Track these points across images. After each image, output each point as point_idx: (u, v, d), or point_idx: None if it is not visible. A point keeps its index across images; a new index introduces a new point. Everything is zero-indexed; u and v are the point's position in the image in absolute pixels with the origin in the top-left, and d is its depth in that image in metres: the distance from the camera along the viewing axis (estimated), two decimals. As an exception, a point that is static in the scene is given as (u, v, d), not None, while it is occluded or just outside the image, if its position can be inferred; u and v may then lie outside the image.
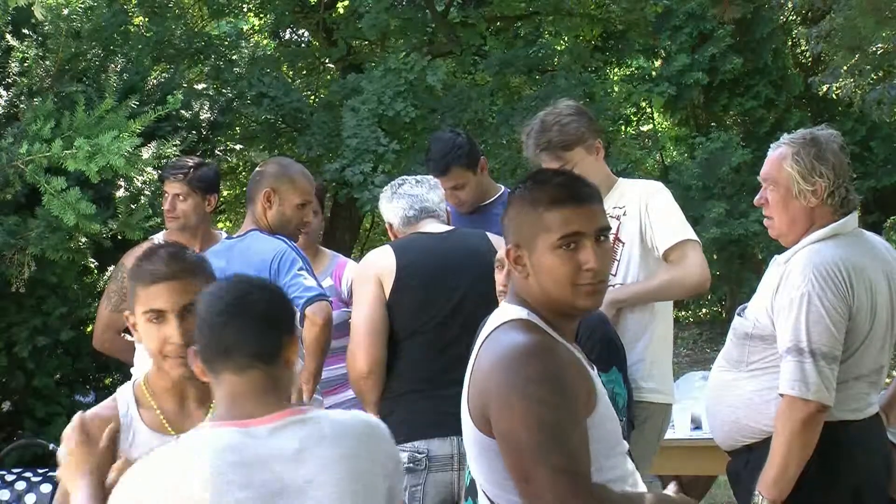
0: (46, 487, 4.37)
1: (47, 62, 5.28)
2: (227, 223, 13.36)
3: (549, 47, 14.12)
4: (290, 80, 13.46)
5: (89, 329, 5.45)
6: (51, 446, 4.74)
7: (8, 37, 5.31)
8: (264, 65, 12.54)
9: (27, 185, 4.80)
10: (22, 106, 5.13)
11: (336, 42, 13.30)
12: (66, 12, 5.16)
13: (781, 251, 3.12)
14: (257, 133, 12.67)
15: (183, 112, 6.60)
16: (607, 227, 2.20)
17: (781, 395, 2.91)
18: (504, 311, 2.23)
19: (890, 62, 9.28)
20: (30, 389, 5.54)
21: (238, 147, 11.41)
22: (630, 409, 3.21)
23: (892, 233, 13.71)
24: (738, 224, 12.23)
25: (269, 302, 2.07)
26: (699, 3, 12.97)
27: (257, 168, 4.04)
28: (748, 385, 3.05)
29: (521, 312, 2.18)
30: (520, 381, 2.04)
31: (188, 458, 1.94)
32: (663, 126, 17.09)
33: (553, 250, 2.13)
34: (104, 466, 2.28)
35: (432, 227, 3.65)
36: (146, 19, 11.55)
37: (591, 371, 2.21)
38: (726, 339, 3.19)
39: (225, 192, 12.72)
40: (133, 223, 5.00)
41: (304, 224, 3.93)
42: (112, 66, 5.77)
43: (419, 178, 3.76)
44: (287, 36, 15.32)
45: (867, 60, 9.06)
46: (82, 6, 5.34)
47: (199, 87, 10.41)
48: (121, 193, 5.53)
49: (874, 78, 9.53)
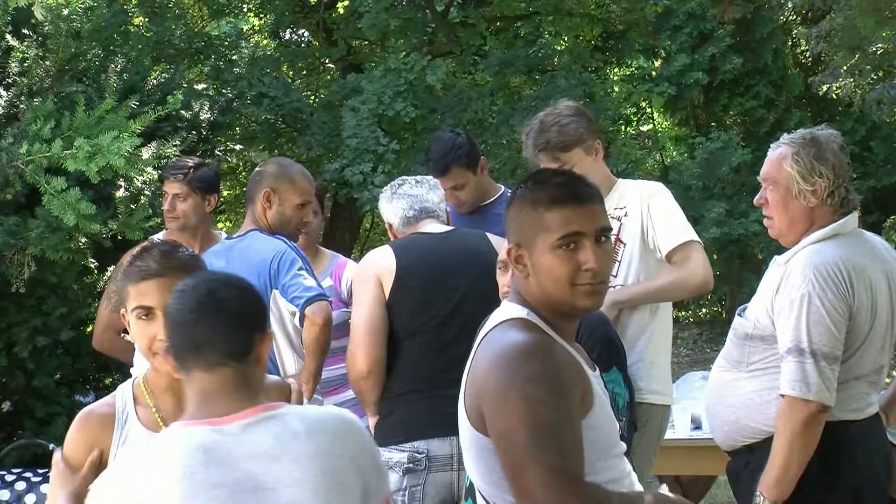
0: (46, 487, 4.37)
1: (47, 62, 5.27)
2: (227, 223, 13.36)
3: (549, 47, 14.12)
4: (290, 80, 13.46)
5: (89, 329, 5.44)
6: (51, 446, 4.74)
7: (8, 37, 5.31)
8: (264, 65, 12.54)
9: (27, 185, 4.79)
10: (22, 106, 5.13)
11: (336, 42, 13.30)
12: (66, 12, 5.15)
13: (781, 251, 3.12)
14: (257, 133, 12.67)
15: (183, 112, 6.59)
16: (608, 228, 2.19)
17: (782, 396, 2.90)
18: (504, 310, 2.23)
19: (890, 62, 9.28)
20: (30, 389, 5.53)
21: (238, 147, 11.41)
22: (632, 411, 3.21)
23: (891, 232, 13.71)
24: (738, 224, 12.23)
25: (241, 299, 2.06)
26: (699, 3, 12.97)
27: (257, 168, 4.04)
28: (748, 385, 3.04)
29: (520, 311, 2.18)
30: (516, 379, 2.04)
31: (161, 458, 1.95)
32: (663, 126, 17.09)
33: (553, 250, 2.13)
34: (83, 489, 2.28)
35: (432, 227, 3.65)
36: (146, 19, 11.55)
37: (590, 372, 2.20)
38: (726, 339, 3.19)
39: (225, 192, 12.71)
40: (133, 223, 5.00)
41: (304, 224, 3.93)
42: (112, 66, 5.76)
43: (419, 178, 3.76)
44: (287, 36, 15.32)
45: (867, 60, 9.06)
46: (82, 6, 5.34)
47: (199, 87, 10.40)
48: (121, 193, 5.52)
49: (874, 78, 9.53)
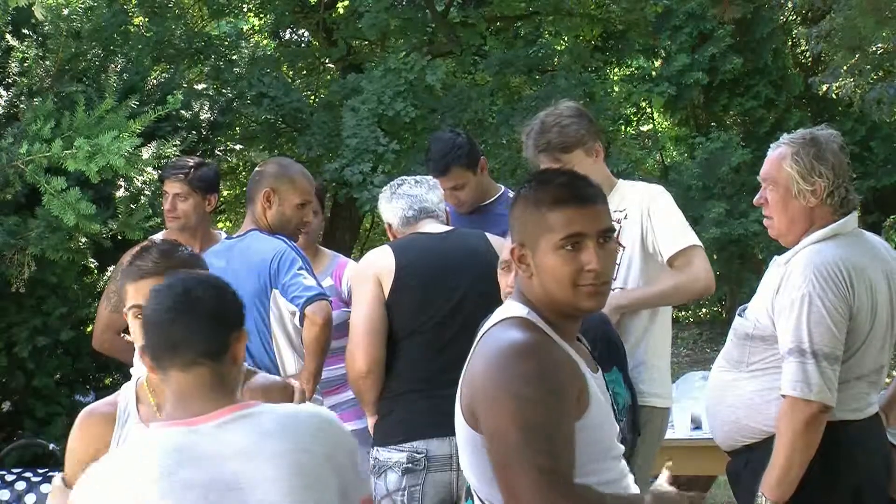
0: (46, 487, 4.37)
1: (47, 62, 5.27)
2: (227, 223, 13.36)
3: (549, 47, 14.11)
4: (290, 80, 13.44)
5: (89, 329, 5.44)
6: (51, 446, 4.74)
7: (8, 37, 5.31)
8: (264, 65, 12.53)
9: (27, 185, 4.79)
10: (22, 106, 5.13)
11: (336, 42, 13.29)
12: (66, 12, 5.14)
13: (781, 251, 3.12)
14: (257, 133, 12.66)
15: (183, 112, 6.59)
16: (611, 229, 2.19)
17: (783, 396, 2.90)
18: (505, 309, 2.24)
19: (890, 62, 9.28)
20: (30, 389, 5.53)
21: (238, 147, 11.39)
22: (635, 414, 3.21)
23: (891, 232, 13.72)
24: (738, 224, 12.22)
25: (217, 298, 2.07)
26: (699, 3, 12.95)
27: (257, 168, 4.04)
28: (749, 385, 3.04)
29: (521, 310, 2.18)
30: (509, 378, 2.04)
31: (136, 459, 1.96)
32: (663, 126, 17.08)
33: (555, 251, 2.13)
34: None
35: (431, 227, 3.65)
36: (146, 19, 11.54)
37: (589, 373, 2.19)
38: (726, 339, 3.19)
39: (225, 192, 12.71)
40: (133, 223, 5.00)
41: (304, 224, 3.94)
42: (112, 66, 5.76)
43: (418, 178, 3.76)
44: (287, 36, 15.31)
45: (867, 60, 9.06)
46: (82, 6, 5.33)
47: (199, 87, 10.38)
48: (121, 193, 5.52)
49: (874, 78, 9.53)
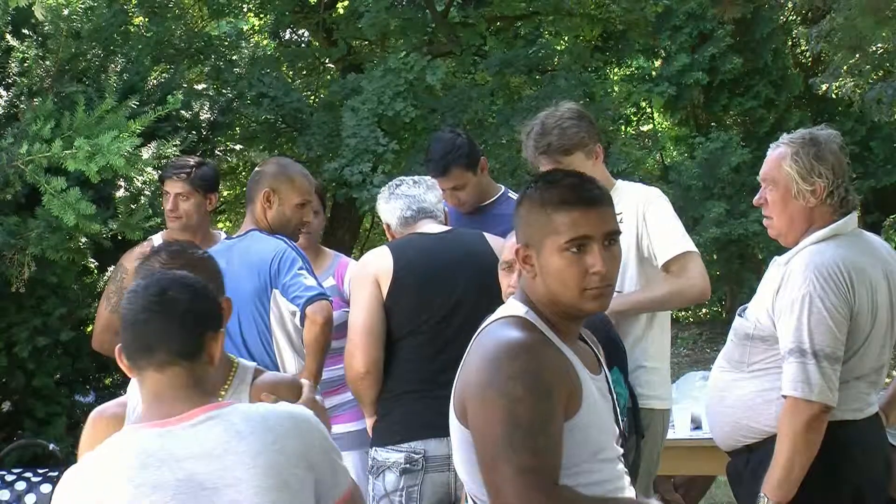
0: (46, 487, 4.37)
1: (47, 62, 5.26)
2: (227, 223, 13.36)
3: (549, 47, 14.10)
4: (290, 80, 13.44)
5: (89, 329, 5.44)
6: (51, 446, 4.74)
7: (8, 37, 5.30)
8: (264, 65, 12.51)
9: (27, 185, 4.79)
10: (22, 106, 5.12)
11: (336, 42, 13.29)
12: (66, 12, 5.14)
13: (781, 251, 3.12)
14: (257, 133, 12.65)
15: (183, 112, 6.58)
16: (617, 231, 2.19)
17: (784, 397, 2.91)
18: (505, 307, 2.24)
19: (890, 62, 9.28)
20: (30, 389, 5.53)
21: (238, 147, 11.37)
22: (637, 418, 3.21)
23: (891, 232, 13.72)
24: (738, 224, 12.22)
25: (192, 298, 2.07)
26: (699, 3, 12.96)
27: (256, 168, 4.05)
28: (749, 386, 3.05)
29: (519, 310, 2.19)
30: (499, 376, 2.05)
31: (108, 461, 1.98)
32: (663, 126, 17.08)
33: (560, 253, 2.13)
34: None
35: (430, 227, 3.65)
36: (146, 19, 11.52)
37: (587, 374, 2.18)
38: (726, 339, 3.19)
39: (225, 192, 12.70)
40: (133, 223, 5.00)
41: (304, 224, 3.94)
42: (112, 66, 5.76)
43: (416, 178, 3.76)
44: (287, 36, 15.30)
45: (867, 60, 9.06)
46: (82, 6, 5.33)
47: (199, 87, 10.37)
48: (121, 193, 5.52)
49: (874, 77, 9.53)
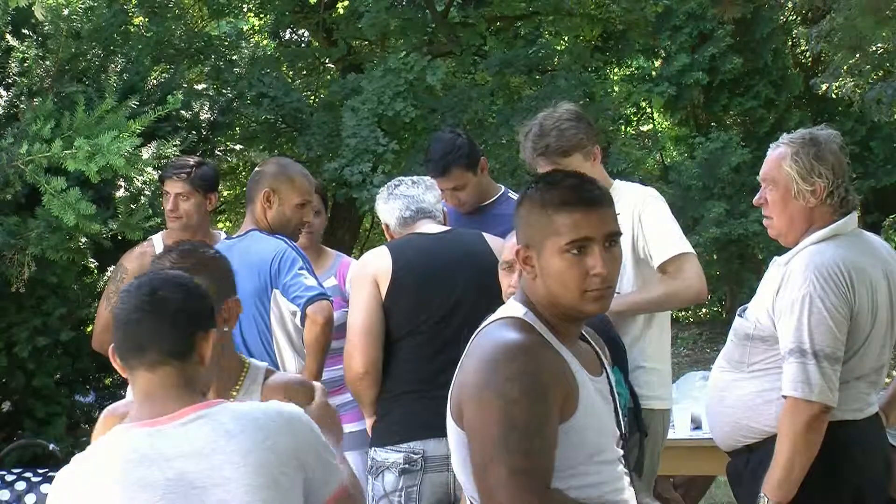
0: (46, 487, 4.37)
1: (47, 62, 5.26)
2: (227, 223, 13.36)
3: (549, 47, 14.10)
4: (290, 80, 13.43)
5: (89, 329, 5.44)
6: (51, 446, 4.74)
7: (8, 37, 5.30)
8: (264, 65, 12.51)
9: (27, 185, 4.79)
10: (22, 106, 5.12)
11: (336, 42, 13.28)
12: (66, 12, 5.14)
13: (781, 251, 3.12)
14: (257, 133, 12.64)
15: (183, 112, 6.58)
16: (617, 232, 2.18)
17: (785, 397, 2.91)
18: (504, 309, 2.24)
19: (890, 62, 9.28)
20: (30, 389, 5.53)
21: (238, 147, 11.37)
22: (639, 418, 3.21)
23: (891, 232, 13.73)
24: (738, 224, 12.22)
25: (184, 298, 2.08)
26: (699, 3, 12.96)
27: (257, 168, 4.05)
28: (749, 386, 3.05)
29: (518, 311, 2.18)
30: (494, 378, 2.05)
31: (99, 461, 1.99)
32: (663, 126, 17.08)
33: (561, 254, 2.13)
34: None
35: (428, 227, 3.65)
36: (146, 19, 11.52)
37: (586, 375, 2.17)
38: (726, 339, 3.19)
39: (225, 192, 12.70)
40: (133, 223, 5.00)
41: (304, 224, 3.94)
42: (112, 66, 5.76)
43: (415, 178, 3.76)
44: (287, 36, 15.30)
45: (867, 60, 9.06)
46: (82, 6, 5.32)
47: (199, 87, 10.37)
48: (121, 193, 5.52)
49: (874, 77, 9.53)
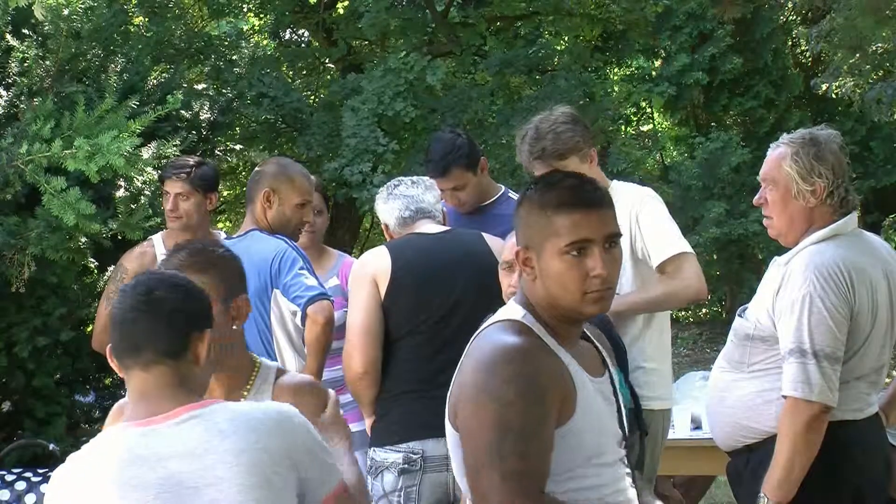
0: (46, 487, 4.35)
1: (47, 62, 5.26)
2: (227, 223, 13.36)
3: (549, 47, 14.11)
4: (290, 80, 13.44)
5: (89, 329, 5.44)
6: (51, 446, 4.73)
7: (8, 37, 5.30)
8: (264, 65, 12.51)
9: (27, 185, 4.79)
10: (22, 106, 5.12)
11: (336, 42, 13.29)
12: (66, 12, 5.14)
13: (781, 251, 3.12)
14: (257, 133, 12.65)
15: (183, 112, 6.58)
16: (617, 233, 2.17)
17: (785, 397, 2.91)
18: (503, 311, 2.23)
19: (890, 62, 9.28)
20: (30, 389, 5.52)
21: (238, 147, 11.37)
22: (640, 418, 3.21)
23: (891, 232, 13.73)
24: (738, 224, 12.22)
25: (179, 298, 2.08)
26: (699, 3, 12.97)
27: (257, 168, 4.05)
28: (749, 386, 3.05)
29: (517, 313, 2.17)
30: (490, 381, 2.04)
31: (94, 460, 2.00)
32: (663, 126, 17.08)
33: (561, 256, 2.12)
34: None
35: (428, 227, 3.65)
36: (146, 19, 11.52)
37: (586, 377, 2.16)
38: (726, 339, 3.19)
39: (225, 192, 12.71)
40: (133, 223, 5.00)
41: (304, 224, 3.94)
42: (112, 66, 5.75)
43: (415, 178, 3.76)
44: (287, 36, 15.30)
45: (867, 60, 9.06)
46: (82, 6, 5.32)
47: (199, 87, 10.38)
48: (121, 193, 5.52)
49: (874, 77, 9.53)
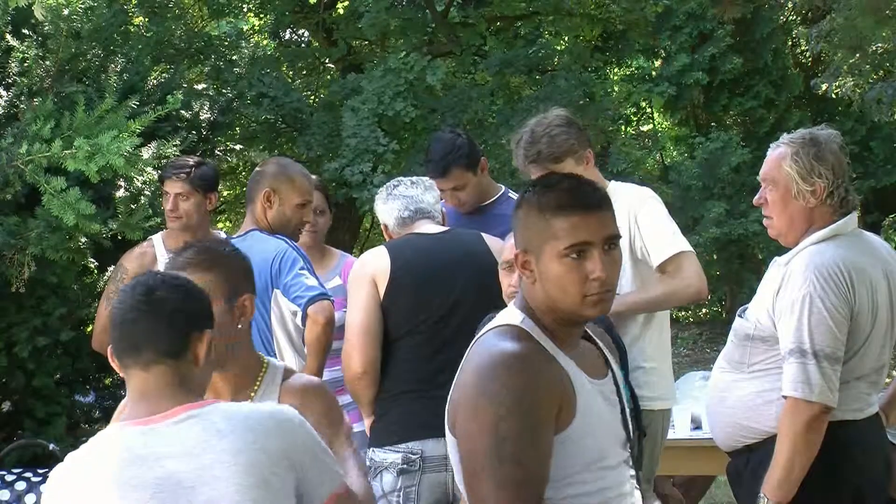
0: (45, 487, 4.36)
1: (47, 62, 5.26)
2: (227, 223, 13.36)
3: (549, 47, 14.11)
4: (290, 81, 13.44)
5: (89, 329, 5.44)
6: (51, 446, 4.73)
7: (8, 37, 5.30)
8: (264, 65, 12.52)
9: (27, 185, 4.79)
10: (22, 106, 5.12)
11: (336, 42, 13.29)
12: (66, 12, 5.13)
13: (781, 251, 3.12)
14: (257, 133, 12.65)
15: (183, 112, 6.57)
16: (617, 235, 2.15)
17: (785, 398, 2.91)
18: (503, 315, 2.21)
19: (890, 62, 9.28)
20: (30, 389, 5.52)
21: (238, 147, 11.37)
22: (639, 419, 3.21)
23: (891, 232, 13.73)
24: (738, 224, 12.23)
25: (180, 298, 2.08)
26: (699, 3, 12.97)
27: (257, 168, 4.05)
28: (749, 386, 3.05)
29: (516, 318, 2.15)
30: (487, 390, 2.02)
31: (93, 459, 2.00)
32: (663, 126, 17.09)
33: (560, 259, 2.10)
34: None
35: (427, 227, 3.65)
36: (146, 19, 11.53)
37: (586, 380, 2.15)
38: (727, 339, 3.19)
39: (225, 192, 12.70)
40: (133, 223, 5.00)
41: (304, 224, 3.94)
42: (112, 66, 5.75)
43: (414, 179, 3.76)
44: (287, 36, 15.30)
45: (867, 60, 9.06)
46: (82, 6, 5.32)
47: (199, 87, 10.38)
48: (121, 193, 5.52)
49: (874, 77, 9.53)
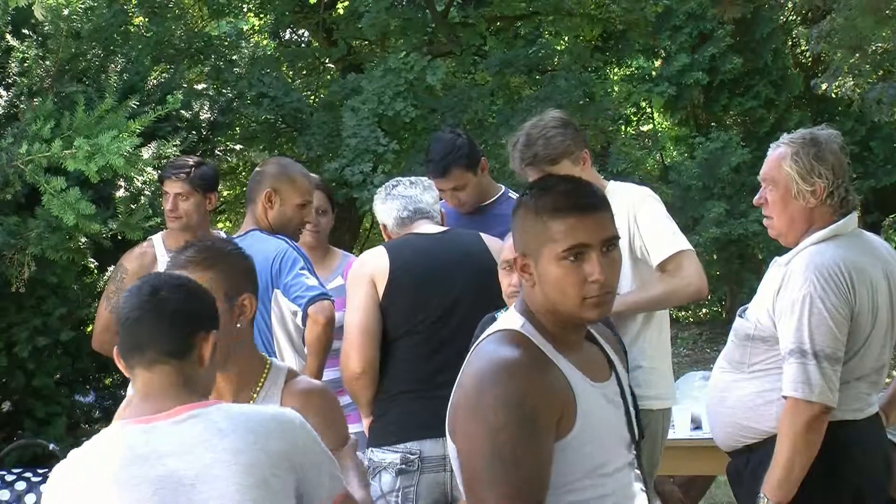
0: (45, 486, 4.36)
1: (47, 62, 5.27)
2: (227, 223, 13.36)
3: (549, 47, 14.12)
4: (290, 80, 13.44)
5: (89, 329, 5.44)
6: (51, 446, 4.74)
7: (8, 37, 5.30)
8: (264, 65, 12.52)
9: (27, 185, 4.80)
10: (22, 106, 5.13)
11: (336, 42, 13.29)
12: (66, 12, 5.14)
13: (781, 251, 3.12)
14: (257, 133, 12.65)
15: (183, 112, 6.58)
16: (615, 236, 2.13)
17: (785, 398, 2.91)
18: (503, 319, 2.20)
19: (890, 62, 9.28)
20: (30, 389, 5.53)
21: (238, 147, 11.37)
22: (638, 419, 3.21)
23: (891, 232, 13.73)
24: (738, 224, 12.23)
25: (184, 299, 2.09)
26: (699, 3, 12.97)
27: (257, 168, 4.05)
28: (749, 386, 3.05)
29: (516, 322, 2.14)
30: (484, 400, 2.00)
31: (95, 458, 2.01)
32: (663, 126, 17.09)
33: (558, 261, 2.08)
34: None
35: (426, 227, 3.64)
36: (146, 19, 11.53)
37: (588, 384, 2.13)
38: (727, 339, 3.19)
39: (225, 192, 12.71)
40: (133, 223, 5.00)
41: (304, 224, 3.95)
42: (112, 66, 5.75)
43: (413, 179, 3.76)
44: (287, 36, 15.31)
45: (867, 60, 9.07)
46: (82, 6, 5.33)
47: (199, 87, 10.37)
48: (121, 193, 5.52)
49: (874, 77, 9.54)
